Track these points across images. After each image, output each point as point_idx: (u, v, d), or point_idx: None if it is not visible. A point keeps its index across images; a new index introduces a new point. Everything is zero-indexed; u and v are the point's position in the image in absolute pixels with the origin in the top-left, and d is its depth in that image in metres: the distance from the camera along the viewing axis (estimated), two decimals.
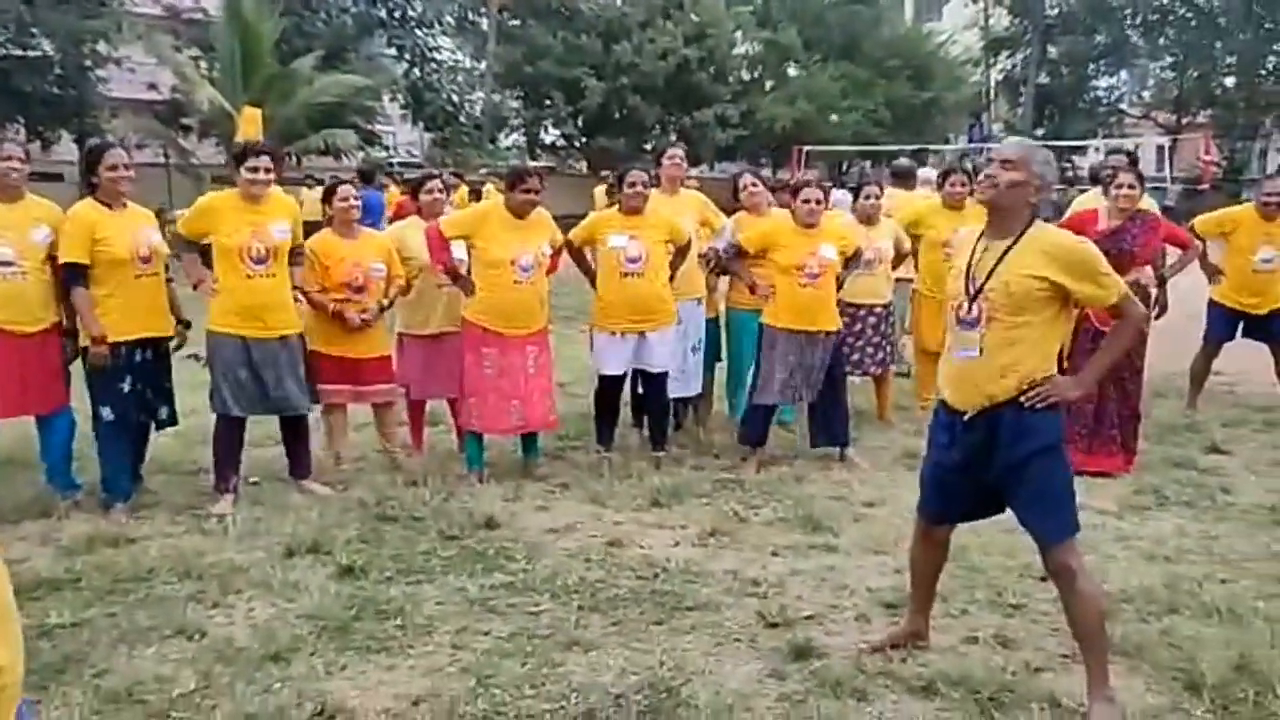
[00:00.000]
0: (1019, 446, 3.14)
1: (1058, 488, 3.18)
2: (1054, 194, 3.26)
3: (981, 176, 3.26)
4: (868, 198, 6.68)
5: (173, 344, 5.22)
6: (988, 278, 3.16)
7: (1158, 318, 6.09)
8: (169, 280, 5.20)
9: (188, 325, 5.30)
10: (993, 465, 3.19)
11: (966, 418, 3.23)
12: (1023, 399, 3.12)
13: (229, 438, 5.17)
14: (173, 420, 5.27)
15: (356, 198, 5.68)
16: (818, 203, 5.74)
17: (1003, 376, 3.14)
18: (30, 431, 5.19)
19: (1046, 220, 3.27)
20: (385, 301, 5.70)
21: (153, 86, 23.60)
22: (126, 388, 4.94)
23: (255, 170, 5.04)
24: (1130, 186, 5.63)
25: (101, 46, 22.78)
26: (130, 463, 5.14)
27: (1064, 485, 3.20)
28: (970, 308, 3.20)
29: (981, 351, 3.17)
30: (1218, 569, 4.30)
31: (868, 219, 6.62)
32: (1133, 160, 6.96)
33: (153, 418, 5.15)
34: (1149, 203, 6.05)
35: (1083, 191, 7.93)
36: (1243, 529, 4.81)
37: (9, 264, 4.80)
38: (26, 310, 4.86)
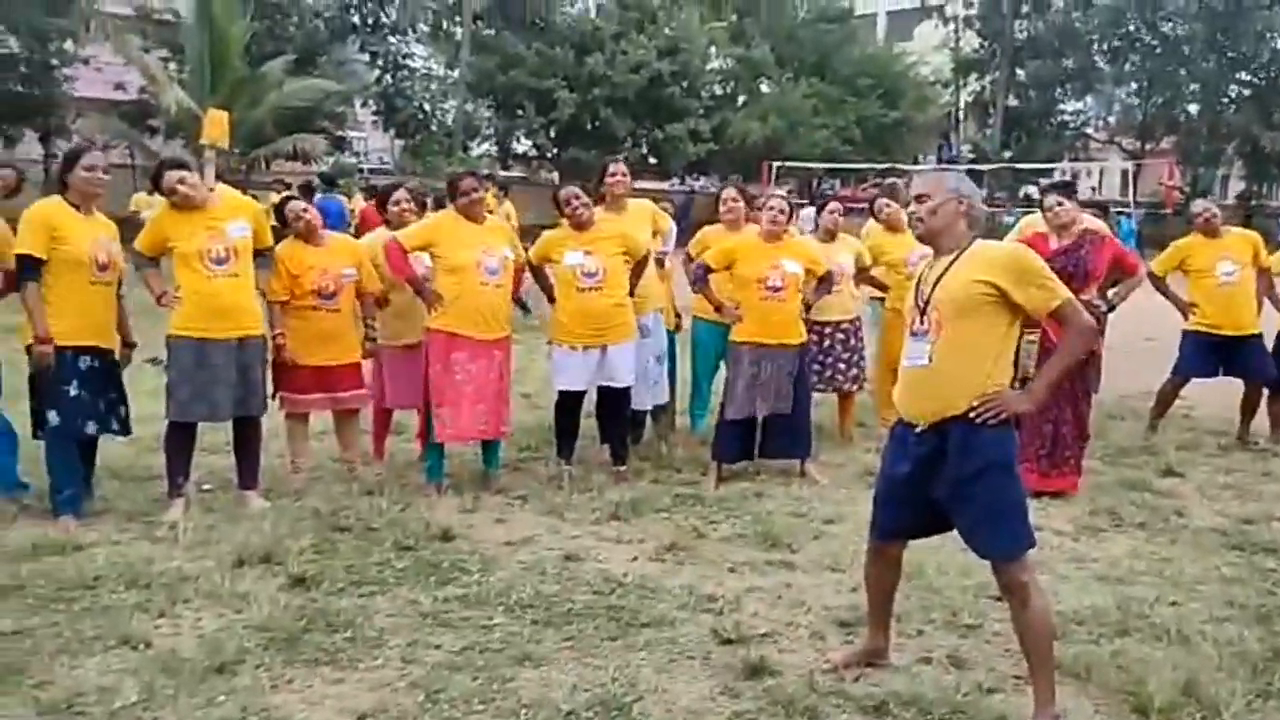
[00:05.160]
0: (967, 462, 3.16)
1: (1008, 504, 3.19)
2: (980, 209, 3.36)
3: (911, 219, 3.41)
4: (831, 212, 6.72)
5: (119, 367, 5.14)
6: (934, 288, 3.24)
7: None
8: (120, 297, 5.12)
9: (133, 347, 5.24)
10: (941, 481, 3.21)
11: (918, 430, 3.25)
12: (972, 413, 3.14)
13: (180, 442, 5.09)
14: (125, 429, 5.16)
15: (305, 209, 5.60)
16: (781, 212, 5.81)
17: (952, 387, 3.17)
18: None
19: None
20: (371, 324, 5.71)
21: (120, 87, 23.38)
22: (73, 392, 4.83)
23: (181, 181, 4.94)
24: (1058, 203, 5.75)
25: (69, 45, 22.59)
26: (78, 472, 5.02)
27: (1015, 502, 3.21)
28: (921, 320, 3.27)
29: (931, 359, 3.21)
30: (1169, 591, 4.33)
31: (829, 235, 6.66)
32: (1065, 184, 7.08)
33: (103, 428, 5.02)
34: (1095, 223, 6.14)
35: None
36: (1194, 552, 4.85)
37: None
38: None
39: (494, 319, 5.45)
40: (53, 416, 4.82)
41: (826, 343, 6.53)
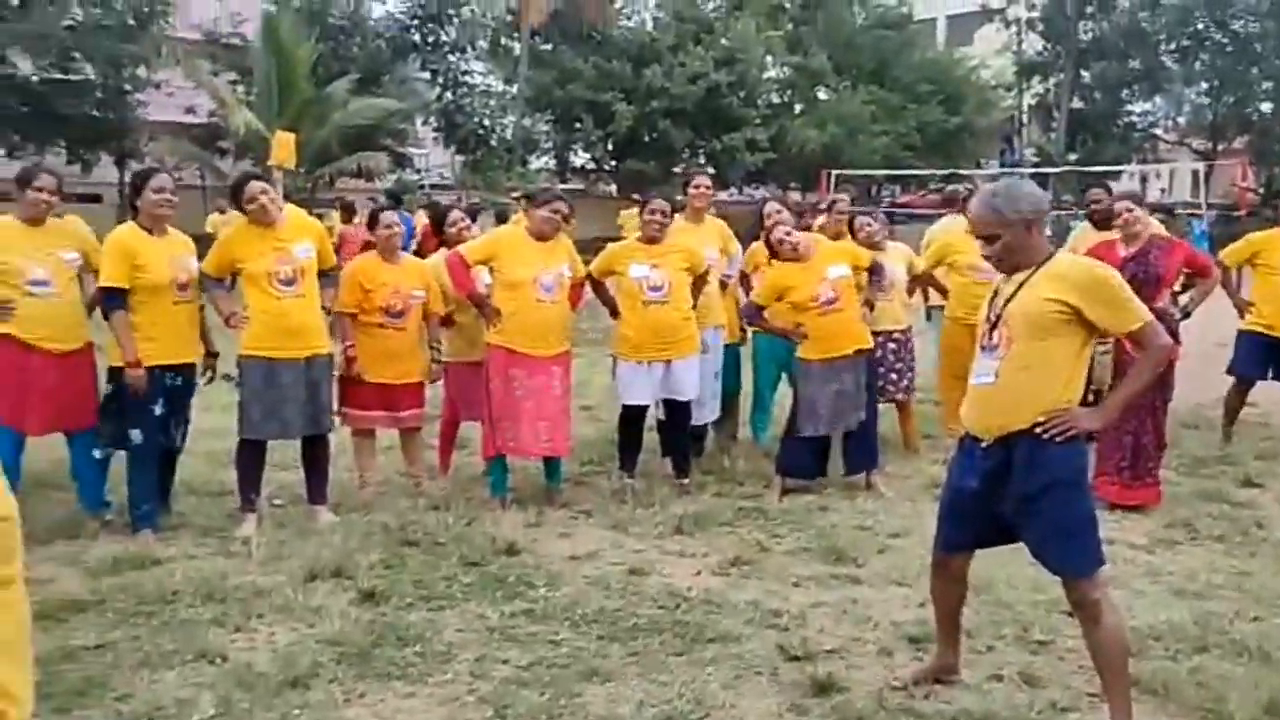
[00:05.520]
0: (1033, 479, 3.11)
1: (1076, 520, 3.14)
2: (1044, 206, 3.27)
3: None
4: (865, 228, 6.59)
5: (201, 376, 5.27)
6: (1007, 303, 3.19)
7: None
8: (200, 308, 5.26)
9: (215, 356, 5.36)
10: (1007, 497, 3.17)
11: (984, 445, 3.22)
12: (1038, 429, 3.09)
13: (252, 459, 5.21)
14: (180, 446, 5.28)
15: (398, 224, 5.75)
16: (787, 234, 5.74)
17: (1018, 403, 3.12)
18: (65, 455, 5.23)
19: None
20: (436, 346, 5.81)
21: (190, 110, 23.96)
22: (158, 411, 4.98)
23: (264, 193, 5.11)
24: (1128, 209, 5.65)
25: (141, 71, 23.21)
26: (158, 488, 5.16)
27: (1083, 517, 3.16)
28: (992, 335, 3.22)
29: (998, 376, 3.17)
30: (1249, 606, 4.22)
31: (872, 247, 6.51)
32: (1104, 185, 6.99)
33: (168, 442, 5.16)
34: (1157, 226, 6.02)
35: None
36: (1275, 565, 4.71)
37: (44, 283, 4.89)
38: (62, 329, 4.95)
39: (550, 335, 5.48)
40: (136, 435, 4.96)
41: (878, 353, 6.43)
